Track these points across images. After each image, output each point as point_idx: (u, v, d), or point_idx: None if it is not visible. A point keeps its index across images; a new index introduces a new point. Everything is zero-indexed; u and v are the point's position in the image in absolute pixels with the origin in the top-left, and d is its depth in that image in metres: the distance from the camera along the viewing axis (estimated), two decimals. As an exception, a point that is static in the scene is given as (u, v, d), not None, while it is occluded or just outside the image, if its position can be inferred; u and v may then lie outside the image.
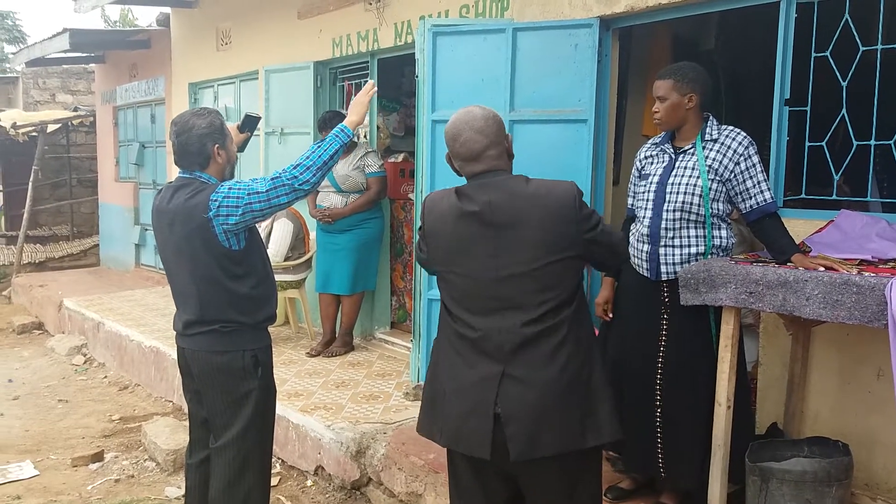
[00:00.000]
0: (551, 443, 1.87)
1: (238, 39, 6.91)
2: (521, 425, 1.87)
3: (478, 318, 1.95)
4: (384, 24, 5.14)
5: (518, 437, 1.86)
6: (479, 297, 1.95)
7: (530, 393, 1.88)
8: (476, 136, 1.98)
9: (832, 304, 2.38)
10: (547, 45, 3.78)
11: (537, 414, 1.87)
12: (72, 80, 12.42)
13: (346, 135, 2.67)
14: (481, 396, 1.91)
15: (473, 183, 2.01)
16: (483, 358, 1.93)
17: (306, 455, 3.93)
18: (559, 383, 1.88)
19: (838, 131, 3.20)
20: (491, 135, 1.99)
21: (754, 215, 2.78)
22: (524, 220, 1.91)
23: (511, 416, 1.87)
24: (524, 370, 1.88)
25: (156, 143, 8.87)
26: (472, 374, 1.94)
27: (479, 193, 1.96)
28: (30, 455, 4.43)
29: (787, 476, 2.53)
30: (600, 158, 3.84)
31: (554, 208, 1.91)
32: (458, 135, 2.00)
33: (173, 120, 2.67)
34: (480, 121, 1.99)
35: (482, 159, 1.99)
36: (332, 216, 5.06)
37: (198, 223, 2.53)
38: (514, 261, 1.91)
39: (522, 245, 1.90)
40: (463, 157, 2.01)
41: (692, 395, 2.83)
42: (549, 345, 1.89)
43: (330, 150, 2.61)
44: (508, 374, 1.89)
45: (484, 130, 1.98)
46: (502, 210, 1.92)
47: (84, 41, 8.58)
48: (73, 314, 7.22)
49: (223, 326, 2.60)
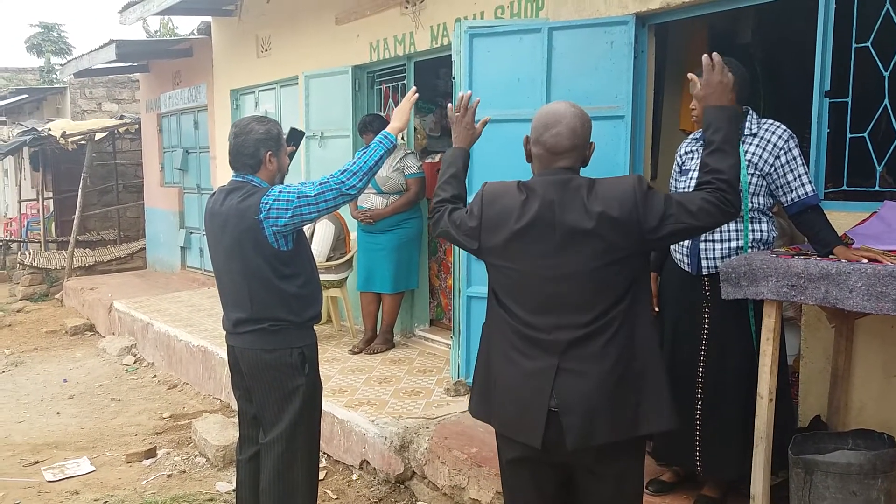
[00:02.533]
0: (605, 432, 1.91)
1: (278, 46, 7.06)
2: (576, 416, 1.91)
3: (530, 314, 1.98)
4: (420, 28, 5.21)
5: (573, 428, 1.91)
6: (533, 294, 1.99)
7: (585, 385, 1.92)
8: (568, 133, 2.00)
9: (876, 296, 2.37)
10: (583, 44, 3.80)
11: (592, 405, 1.91)
12: (117, 88, 12.78)
13: (390, 140, 2.77)
14: (536, 388, 1.95)
15: (541, 179, 2.02)
16: (537, 351, 1.97)
17: (351, 450, 4.02)
18: (612, 375, 1.92)
19: (880, 122, 3.17)
20: (579, 137, 2.02)
21: (796, 208, 2.77)
22: (584, 222, 1.92)
23: (567, 407, 1.91)
24: (577, 363, 1.93)
25: (199, 148, 9.08)
26: (527, 365, 1.98)
27: (546, 191, 1.98)
28: (86, 452, 4.60)
29: (832, 468, 2.52)
30: (638, 154, 3.85)
31: (616, 211, 1.91)
32: (551, 125, 2.02)
33: (234, 123, 2.80)
34: (577, 120, 2.02)
35: (564, 157, 2.01)
36: (373, 217, 5.14)
37: (249, 224, 2.63)
38: (571, 261, 1.94)
39: (581, 246, 1.92)
40: (548, 147, 2.02)
41: (733, 389, 2.83)
42: (601, 341, 1.93)
43: (375, 156, 2.72)
44: (563, 368, 1.93)
45: (577, 131, 2.01)
46: (565, 210, 1.94)
47: (130, 51, 8.84)
48: (123, 316, 7.44)
49: (272, 325, 2.70)
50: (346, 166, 2.70)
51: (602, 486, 2.01)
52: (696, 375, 2.89)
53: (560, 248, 1.95)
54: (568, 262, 1.94)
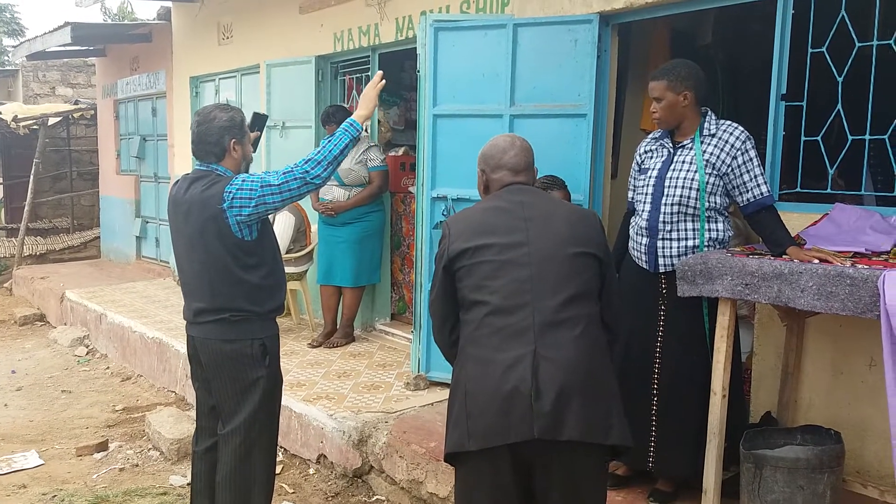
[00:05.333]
0: (574, 428, 1.89)
1: (240, 33, 6.94)
2: (547, 402, 1.89)
3: (504, 300, 2.00)
4: (385, 19, 5.18)
5: (543, 414, 1.89)
6: (506, 278, 2.02)
7: (558, 370, 1.92)
8: (523, 153, 2.28)
9: (826, 296, 2.44)
10: (547, 41, 3.83)
11: (563, 392, 1.90)
12: (72, 73, 12.43)
13: (356, 129, 2.74)
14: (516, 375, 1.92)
15: (504, 190, 2.23)
16: (511, 340, 1.97)
17: (309, 444, 3.99)
18: (585, 366, 1.95)
19: (833, 126, 3.25)
20: (531, 158, 2.31)
21: (751, 208, 2.83)
22: (553, 216, 2.13)
23: (540, 392, 1.90)
24: (552, 351, 1.94)
25: (157, 136, 8.90)
26: (503, 356, 1.96)
27: (513, 196, 2.19)
28: (34, 445, 4.48)
29: (780, 463, 2.59)
30: (599, 152, 3.89)
31: (578, 212, 2.21)
32: (507, 149, 2.27)
33: (197, 111, 2.75)
34: (523, 144, 2.31)
35: (523, 173, 2.26)
36: (334, 209, 5.10)
37: (212, 213, 2.59)
38: (542, 247, 2.06)
39: (550, 235, 2.08)
40: (512, 167, 2.25)
41: (687, 386, 2.88)
42: (573, 332, 1.98)
43: (340, 144, 2.69)
44: (540, 354, 1.94)
45: (528, 151, 2.30)
46: (534, 207, 2.15)
47: (86, 35, 8.58)
48: (76, 306, 7.27)
49: (233, 315, 2.67)
50: (311, 155, 2.67)
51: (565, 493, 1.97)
52: (652, 372, 2.94)
53: (530, 238, 2.07)
54: (537, 248, 2.06)
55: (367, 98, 2.83)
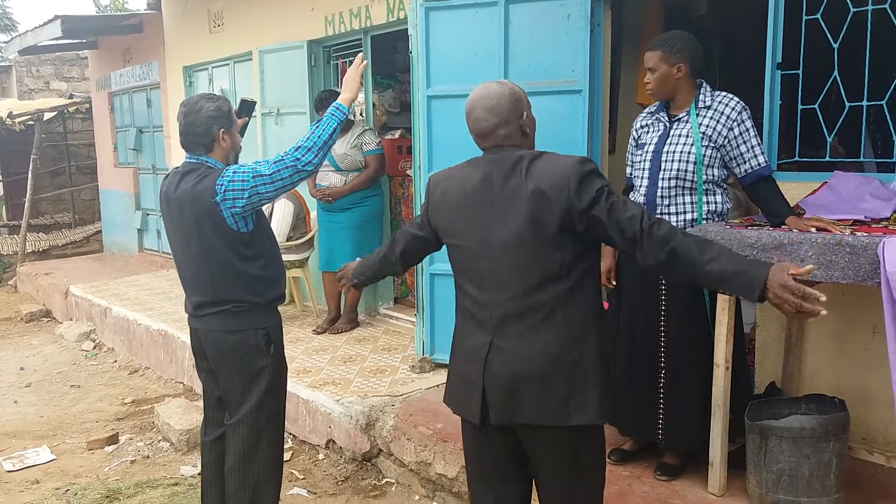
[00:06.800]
0: (528, 413, 1.91)
1: (230, 21, 6.89)
2: (497, 392, 1.93)
3: (474, 289, 2.00)
4: (376, 1, 5.13)
5: (495, 404, 1.94)
6: (473, 268, 1.99)
7: (509, 362, 1.92)
8: (485, 114, 1.99)
9: (826, 265, 2.43)
10: (539, 17, 3.78)
11: (513, 383, 1.91)
12: (65, 66, 12.36)
13: (342, 112, 2.72)
14: (474, 364, 1.98)
15: (483, 156, 2.04)
16: (478, 328, 1.99)
17: (317, 430, 4.02)
18: (541, 358, 1.91)
19: (831, 93, 3.22)
20: (502, 113, 1.99)
21: (749, 179, 2.82)
22: (516, 196, 1.91)
23: (491, 383, 1.94)
24: (507, 342, 1.93)
25: (153, 127, 8.87)
26: (470, 342, 2.01)
27: (482, 166, 2.00)
28: (46, 440, 4.52)
29: (785, 433, 2.60)
30: (595, 128, 3.86)
31: (547, 186, 1.87)
32: (470, 111, 2.03)
33: (183, 102, 2.72)
34: (493, 98, 2.00)
35: (490, 137, 2.01)
36: (331, 195, 5.09)
37: (206, 208, 2.58)
38: (501, 234, 1.93)
39: (510, 219, 1.91)
40: (474, 132, 2.04)
41: (692, 360, 2.89)
42: (535, 320, 1.91)
43: (328, 129, 2.67)
44: (494, 344, 1.95)
45: (495, 109, 1.99)
46: (497, 185, 1.94)
47: (76, 27, 8.53)
48: (80, 301, 7.29)
49: (235, 306, 2.67)
50: (301, 142, 2.65)
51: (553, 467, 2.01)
52: (658, 348, 2.94)
53: (491, 222, 1.94)
54: (496, 235, 1.93)
55: (351, 80, 2.80)
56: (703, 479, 2.87)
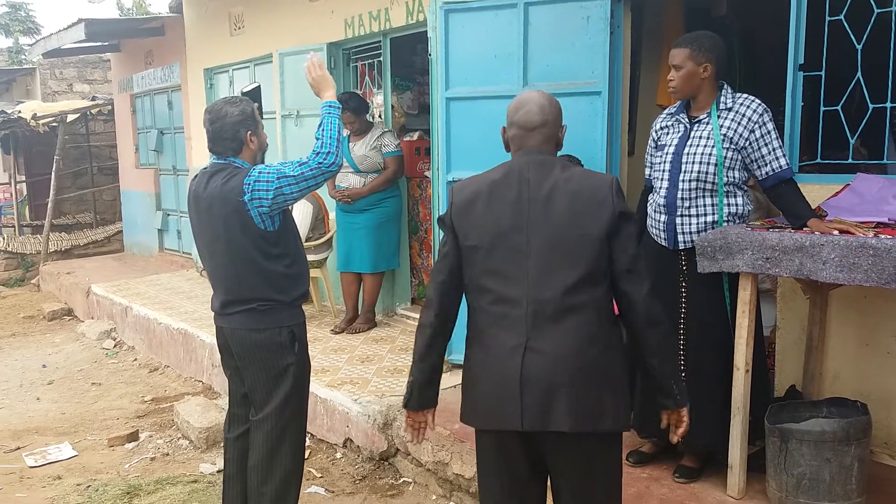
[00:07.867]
0: (562, 419, 1.90)
1: (251, 23, 6.95)
2: (533, 396, 1.91)
3: (506, 290, 1.97)
4: (395, 4, 5.15)
5: (530, 408, 1.91)
6: (506, 268, 1.98)
7: (546, 365, 1.91)
8: (538, 109, 2.07)
9: (849, 268, 2.41)
10: (559, 19, 3.79)
11: (550, 387, 1.90)
12: (88, 69, 12.51)
13: (336, 107, 2.78)
14: (509, 368, 1.94)
15: (517, 158, 2.07)
16: (508, 330, 1.96)
17: (335, 428, 4.04)
18: (576, 360, 1.91)
19: (853, 95, 3.19)
20: (549, 116, 2.07)
21: (770, 182, 2.80)
22: (555, 195, 1.96)
23: (527, 387, 1.91)
24: (542, 343, 1.92)
25: (174, 129, 8.96)
26: (498, 346, 1.97)
27: (522, 168, 2.03)
28: (68, 437, 4.58)
29: (806, 436, 2.58)
30: (615, 129, 3.85)
31: (586, 191, 1.96)
32: (521, 106, 2.09)
33: (207, 108, 2.78)
34: (545, 99, 2.09)
35: (535, 132, 2.06)
36: (351, 196, 5.12)
37: (234, 207, 2.63)
38: (541, 233, 1.95)
39: (551, 218, 1.95)
40: (521, 124, 2.08)
41: (712, 362, 2.88)
42: (568, 322, 1.92)
43: (333, 126, 2.73)
44: (530, 346, 1.93)
45: (545, 109, 2.07)
46: (536, 185, 1.99)
47: (99, 31, 8.64)
48: (102, 300, 7.38)
49: (261, 305, 2.71)
50: (317, 148, 2.70)
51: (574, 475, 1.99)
52: (678, 350, 2.92)
53: (529, 222, 1.96)
54: (534, 235, 1.95)
55: (320, 78, 2.83)
56: (721, 482, 2.86)
